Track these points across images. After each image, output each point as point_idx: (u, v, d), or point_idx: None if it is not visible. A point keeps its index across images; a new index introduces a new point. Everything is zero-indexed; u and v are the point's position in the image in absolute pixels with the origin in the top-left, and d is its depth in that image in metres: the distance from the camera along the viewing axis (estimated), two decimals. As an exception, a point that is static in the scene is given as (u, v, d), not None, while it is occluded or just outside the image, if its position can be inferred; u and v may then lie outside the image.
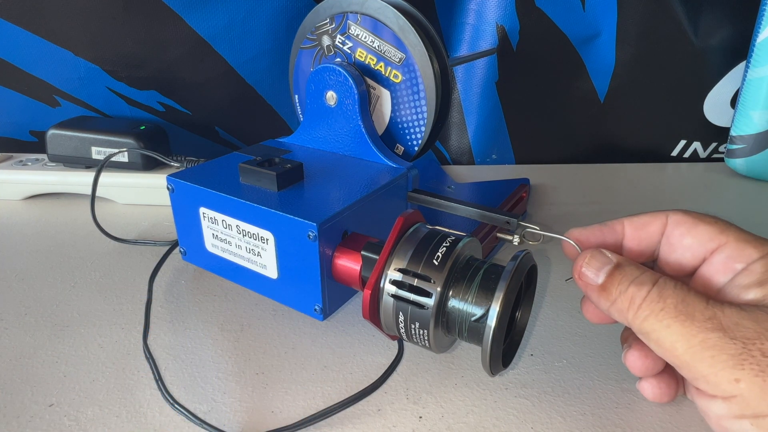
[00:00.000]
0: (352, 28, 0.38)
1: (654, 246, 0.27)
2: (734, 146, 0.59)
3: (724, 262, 0.24)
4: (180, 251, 0.38)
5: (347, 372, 0.30)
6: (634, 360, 0.26)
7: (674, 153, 0.68)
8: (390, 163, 0.38)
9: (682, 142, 0.67)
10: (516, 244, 0.32)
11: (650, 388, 0.27)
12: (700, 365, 0.21)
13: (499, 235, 0.35)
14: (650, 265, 0.27)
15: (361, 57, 0.39)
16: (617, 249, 0.27)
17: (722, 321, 0.20)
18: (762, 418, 0.20)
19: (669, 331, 0.21)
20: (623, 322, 0.23)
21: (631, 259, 0.25)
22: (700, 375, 0.21)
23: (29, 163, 0.54)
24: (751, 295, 0.22)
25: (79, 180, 0.52)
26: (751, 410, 0.20)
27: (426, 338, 0.26)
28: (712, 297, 0.22)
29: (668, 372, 0.27)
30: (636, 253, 0.27)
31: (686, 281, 0.25)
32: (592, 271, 0.24)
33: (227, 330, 0.34)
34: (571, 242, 0.27)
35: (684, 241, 0.25)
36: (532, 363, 0.31)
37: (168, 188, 0.35)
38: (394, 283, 0.26)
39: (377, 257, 0.28)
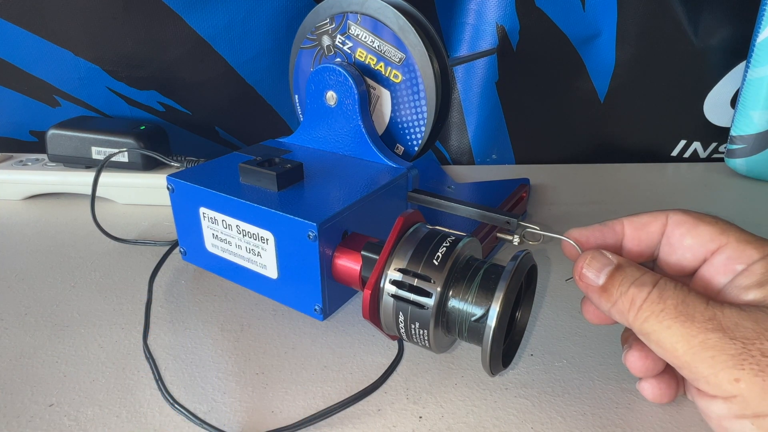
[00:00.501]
0: (352, 28, 0.38)
1: (654, 246, 0.26)
2: (734, 146, 0.59)
3: (725, 263, 0.24)
4: (180, 251, 0.38)
5: (347, 372, 0.30)
6: (634, 360, 0.26)
7: (674, 153, 0.68)
8: (390, 163, 0.38)
9: (682, 142, 0.67)
10: (516, 244, 0.32)
11: (650, 389, 0.27)
12: (701, 366, 0.21)
13: (499, 235, 0.35)
14: (650, 265, 0.27)
15: (361, 57, 0.39)
16: (617, 249, 0.27)
17: (722, 321, 0.20)
18: (762, 417, 0.20)
19: (669, 332, 0.21)
20: (624, 323, 0.23)
21: (631, 259, 0.25)
22: (701, 375, 0.21)
23: (29, 163, 0.54)
24: (751, 295, 0.22)
25: (79, 180, 0.52)
26: (751, 410, 0.20)
27: (426, 338, 0.26)
28: (713, 298, 0.22)
29: (668, 372, 0.27)
30: (636, 253, 0.27)
31: (687, 282, 0.25)
32: (593, 273, 0.24)
33: (227, 330, 0.34)
34: (572, 242, 0.27)
35: (685, 242, 0.25)
36: (532, 363, 0.31)
37: (168, 188, 0.35)
38: (394, 283, 0.26)
39: (377, 257, 0.28)
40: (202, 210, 0.34)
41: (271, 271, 0.32)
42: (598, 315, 0.27)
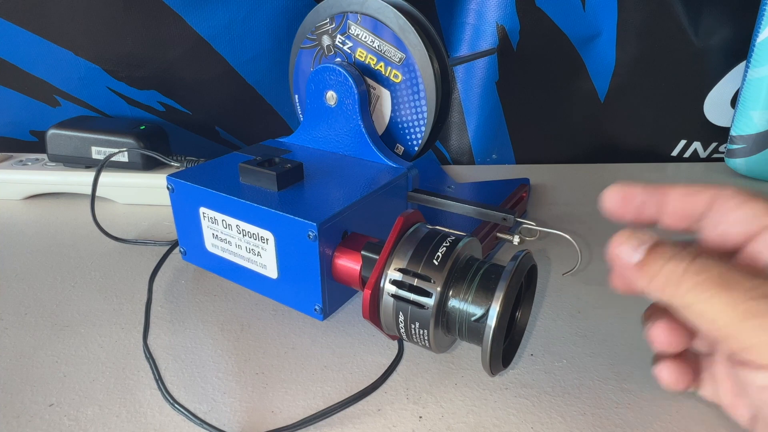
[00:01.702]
0: (352, 27, 0.38)
1: (696, 217, 0.26)
2: (734, 146, 0.59)
3: None
4: (180, 251, 0.38)
5: (347, 372, 0.30)
6: (659, 333, 0.25)
7: (674, 153, 0.68)
8: (390, 163, 0.38)
9: (682, 142, 0.67)
10: (516, 243, 0.32)
11: (668, 372, 0.26)
12: (745, 334, 0.20)
13: (499, 234, 0.35)
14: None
15: (361, 57, 0.39)
16: (655, 216, 0.27)
17: (767, 289, 0.20)
18: None
19: (712, 301, 0.20)
20: (662, 298, 0.22)
21: (670, 228, 0.24)
22: (745, 345, 0.20)
23: (29, 163, 0.54)
24: None
25: (79, 180, 0.52)
26: None
27: (426, 338, 0.26)
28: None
29: (687, 359, 0.26)
30: (676, 220, 0.26)
31: (730, 260, 0.24)
32: (629, 251, 0.23)
33: (227, 330, 0.34)
34: (572, 241, 0.27)
35: (734, 215, 0.24)
36: (532, 363, 0.31)
37: (168, 188, 0.35)
38: (394, 283, 0.26)
39: (377, 257, 0.28)
40: (202, 210, 0.34)
41: (271, 271, 0.32)
42: (628, 284, 0.26)
